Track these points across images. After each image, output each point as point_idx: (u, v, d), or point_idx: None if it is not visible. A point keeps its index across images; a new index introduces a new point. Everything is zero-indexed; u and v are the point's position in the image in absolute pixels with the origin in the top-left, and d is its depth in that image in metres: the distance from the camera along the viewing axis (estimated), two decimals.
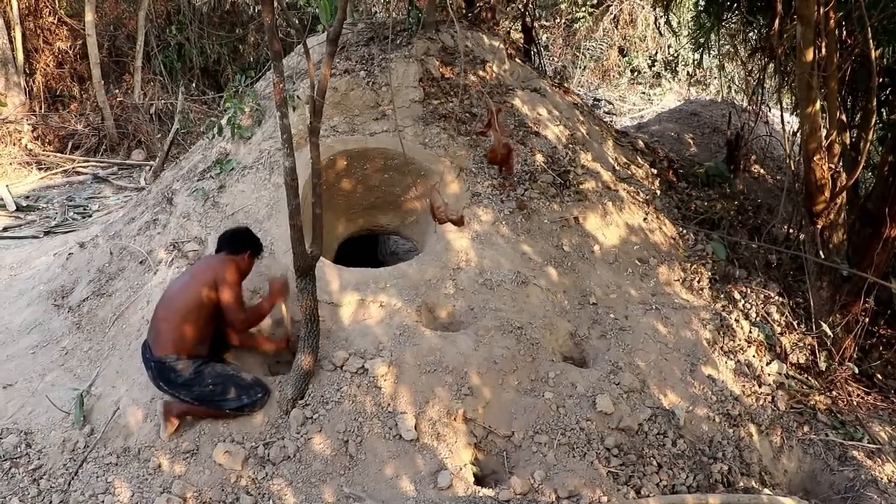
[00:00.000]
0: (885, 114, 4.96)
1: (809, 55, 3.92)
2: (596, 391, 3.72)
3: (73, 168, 9.43)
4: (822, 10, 3.87)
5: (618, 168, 5.41)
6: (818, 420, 4.13)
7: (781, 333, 4.46)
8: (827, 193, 4.35)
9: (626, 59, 14.76)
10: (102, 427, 3.48)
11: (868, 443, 4.00)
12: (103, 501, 3.17)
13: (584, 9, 10.88)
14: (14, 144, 9.59)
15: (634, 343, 4.08)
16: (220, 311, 3.47)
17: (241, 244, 3.69)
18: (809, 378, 4.34)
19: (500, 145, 3.23)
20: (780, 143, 7.52)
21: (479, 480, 3.41)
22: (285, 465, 3.32)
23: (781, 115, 5.36)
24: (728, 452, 3.72)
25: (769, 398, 4.09)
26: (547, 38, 13.36)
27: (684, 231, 5.08)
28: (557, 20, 12.52)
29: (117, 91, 10.98)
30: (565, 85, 9.28)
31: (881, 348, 4.82)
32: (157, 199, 5.00)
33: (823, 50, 4.10)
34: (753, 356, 4.27)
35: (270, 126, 4.90)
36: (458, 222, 3.35)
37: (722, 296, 4.60)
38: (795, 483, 3.89)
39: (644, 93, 14.64)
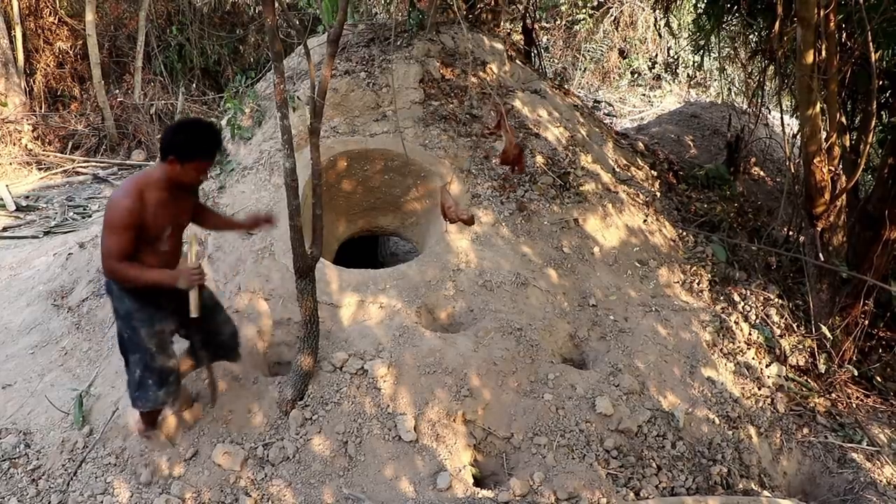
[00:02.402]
0: (884, 116, 4.96)
1: (809, 58, 3.92)
2: (595, 393, 3.72)
3: (74, 168, 9.43)
4: (822, 13, 3.88)
5: (618, 170, 5.41)
6: (817, 422, 4.13)
7: (781, 336, 4.46)
8: (827, 196, 4.35)
9: (627, 60, 14.76)
10: (101, 427, 3.48)
11: (867, 445, 3.99)
12: (102, 502, 3.17)
13: (584, 11, 10.89)
14: (14, 144, 9.59)
15: (634, 345, 4.08)
16: (141, 235, 2.84)
17: (162, 146, 2.84)
18: (809, 380, 4.33)
19: (512, 146, 3.23)
20: (780, 146, 7.52)
21: (479, 482, 3.41)
22: (284, 465, 3.32)
23: (781, 118, 5.37)
24: (727, 454, 3.72)
25: (769, 400, 4.09)
26: (547, 39, 13.37)
27: (684, 233, 5.08)
28: (558, 22, 12.54)
29: (118, 91, 10.98)
30: (566, 86, 9.28)
31: (881, 351, 4.82)
32: None
33: (824, 52, 4.10)
34: (753, 358, 4.27)
35: (270, 127, 4.90)
36: (469, 222, 3.35)
37: (722, 298, 4.60)
38: (795, 485, 3.89)
39: (644, 95, 14.64)
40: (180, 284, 2.88)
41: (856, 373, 4.36)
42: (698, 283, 4.64)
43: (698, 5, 6.88)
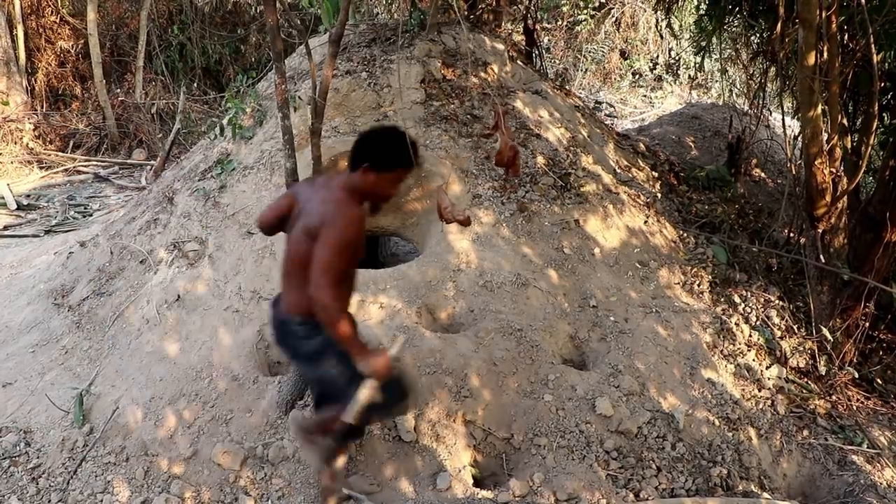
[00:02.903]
0: (886, 118, 4.96)
1: (811, 59, 3.92)
2: (595, 394, 3.72)
3: (75, 167, 9.44)
4: (824, 14, 3.87)
5: (619, 171, 5.41)
6: (818, 424, 4.12)
7: (781, 337, 4.46)
8: (828, 197, 4.35)
9: (628, 61, 14.76)
10: (102, 426, 3.48)
11: (867, 447, 3.99)
12: (102, 501, 3.17)
13: (585, 11, 10.90)
14: (15, 143, 9.60)
15: (634, 346, 4.08)
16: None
17: (355, 155, 2.47)
18: (809, 382, 4.33)
19: (507, 147, 3.23)
20: (781, 147, 7.52)
21: (478, 482, 3.41)
22: (284, 465, 3.31)
23: (783, 119, 5.35)
24: (727, 456, 3.71)
25: (769, 402, 4.08)
26: (549, 40, 13.38)
27: (685, 234, 5.08)
28: (559, 23, 12.55)
29: (119, 90, 11.00)
30: (567, 87, 9.28)
31: (881, 353, 4.82)
32: (157, 199, 5.01)
33: (825, 54, 4.09)
34: (753, 360, 4.27)
35: (272, 126, 4.90)
36: (465, 222, 3.35)
37: (722, 299, 4.60)
38: (794, 487, 3.89)
39: (645, 96, 14.64)
40: (363, 367, 2.42)
41: (856, 375, 4.36)
42: (699, 285, 4.64)
43: (700, 6, 6.88)
